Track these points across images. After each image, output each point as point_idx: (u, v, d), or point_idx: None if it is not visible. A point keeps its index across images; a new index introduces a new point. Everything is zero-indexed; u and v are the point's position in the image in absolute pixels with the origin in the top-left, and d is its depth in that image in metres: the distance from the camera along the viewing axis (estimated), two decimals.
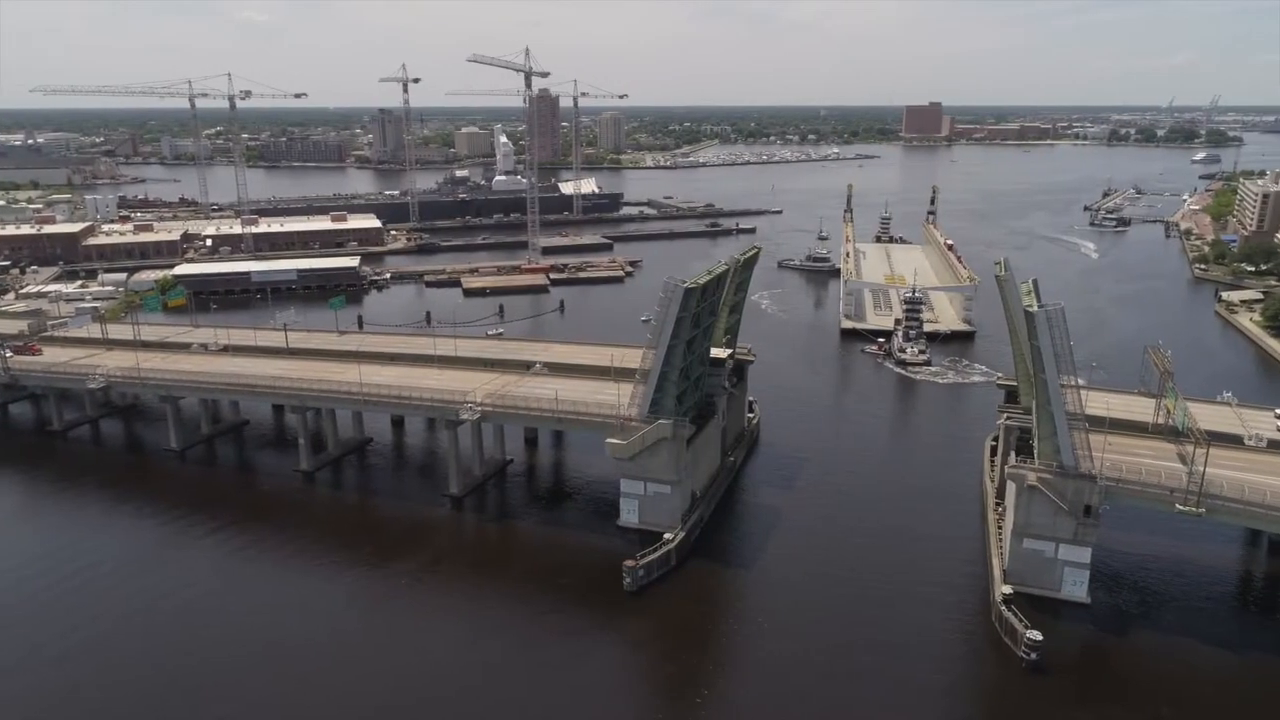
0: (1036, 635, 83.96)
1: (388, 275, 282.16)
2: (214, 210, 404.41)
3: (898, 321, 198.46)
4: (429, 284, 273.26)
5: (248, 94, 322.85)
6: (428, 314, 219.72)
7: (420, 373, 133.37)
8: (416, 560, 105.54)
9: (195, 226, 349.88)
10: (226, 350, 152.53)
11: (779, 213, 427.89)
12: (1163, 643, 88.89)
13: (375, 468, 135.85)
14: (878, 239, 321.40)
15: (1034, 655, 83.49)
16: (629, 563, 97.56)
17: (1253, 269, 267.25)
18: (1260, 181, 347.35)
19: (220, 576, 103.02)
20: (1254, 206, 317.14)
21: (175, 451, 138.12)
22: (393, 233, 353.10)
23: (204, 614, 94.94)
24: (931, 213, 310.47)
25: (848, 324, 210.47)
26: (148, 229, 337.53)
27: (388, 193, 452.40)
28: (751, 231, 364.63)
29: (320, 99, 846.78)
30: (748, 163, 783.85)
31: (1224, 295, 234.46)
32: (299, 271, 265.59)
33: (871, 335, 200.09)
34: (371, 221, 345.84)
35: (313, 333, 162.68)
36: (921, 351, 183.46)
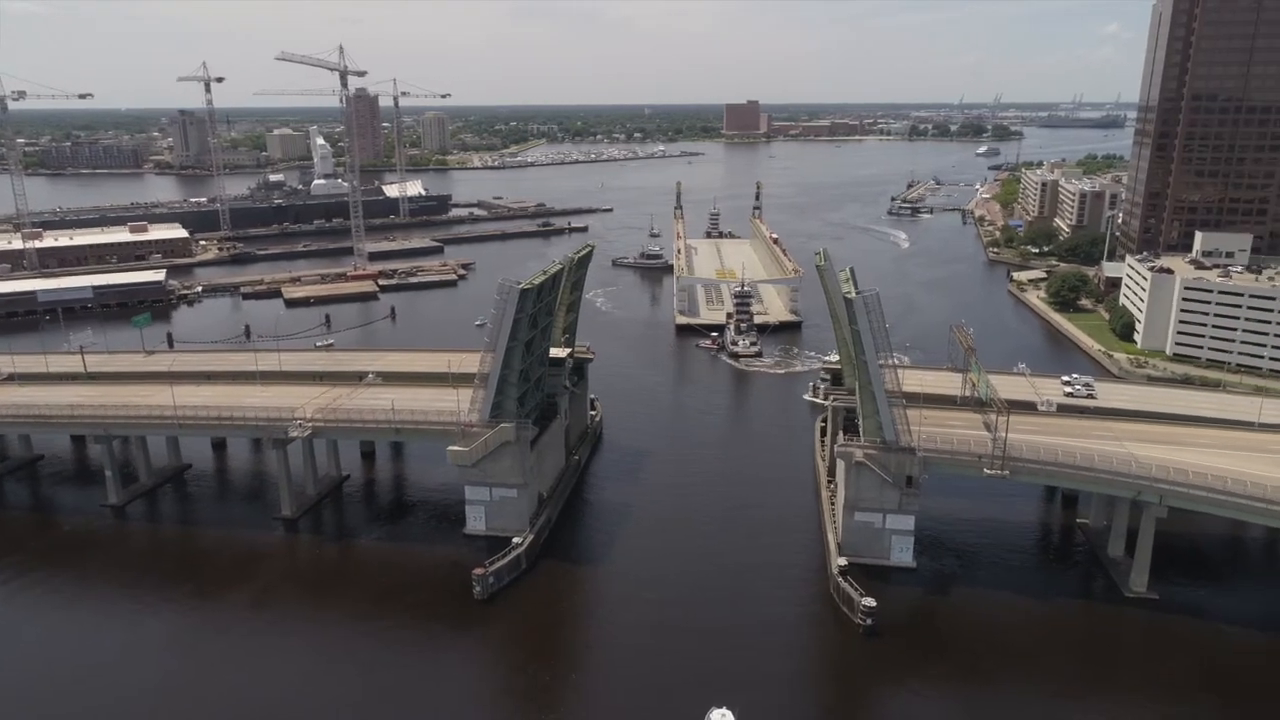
0: (871, 602, 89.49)
1: (199, 288, 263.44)
2: None
3: (729, 315, 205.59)
4: (246, 295, 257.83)
5: (21, 94, 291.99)
6: (246, 328, 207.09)
7: (242, 391, 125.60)
8: (248, 590, 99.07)
9: None
10: (11, 379, 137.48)
11: (610, 211, 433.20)
12: (979, 596, 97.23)
13: (196, 496, 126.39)
14: (708, 234, 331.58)
15: (869, 621, 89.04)
16: (478, 570, 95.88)
17: (1037, 250, 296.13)
18: (1039, 171, 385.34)
19: (11, 632, 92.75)
20: (1035, 194, 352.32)
21: None
22: (202, 243, 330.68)
23: None
24: (757, 208, 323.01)
25: (682, 320, 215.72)
26: None
27: (194, 200, 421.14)
28: (584, 230, 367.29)
29: (110, 99, 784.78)
30: (576, 161, 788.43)
31: (1015, 275, 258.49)
32: (95, 288, 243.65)
33: (705, 330, 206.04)
34: (177, 231, 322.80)
35: (115, 354, 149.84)
36: (753, 344, 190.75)
